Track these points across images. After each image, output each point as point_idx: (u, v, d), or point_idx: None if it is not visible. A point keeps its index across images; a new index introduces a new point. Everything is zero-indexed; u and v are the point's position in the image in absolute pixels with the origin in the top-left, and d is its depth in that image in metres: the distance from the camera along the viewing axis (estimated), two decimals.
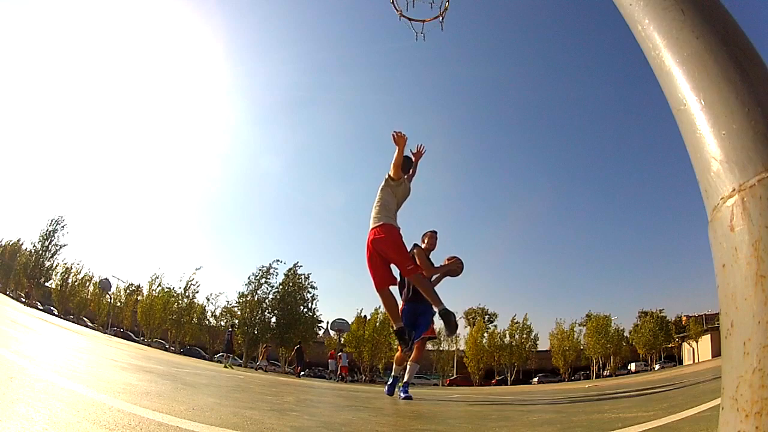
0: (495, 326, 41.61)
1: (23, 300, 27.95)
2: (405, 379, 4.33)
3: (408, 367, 4.38)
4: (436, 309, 3.71)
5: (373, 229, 3.73)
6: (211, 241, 73.42)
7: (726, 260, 0.68)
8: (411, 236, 4.28)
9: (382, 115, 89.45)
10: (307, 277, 33.50)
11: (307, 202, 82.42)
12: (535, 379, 36.94)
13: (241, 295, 33.10)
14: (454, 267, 4.45)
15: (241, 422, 1.52)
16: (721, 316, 0.70)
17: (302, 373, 21.72)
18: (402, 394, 4.14)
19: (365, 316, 38.95)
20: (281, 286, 32.94)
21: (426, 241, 4.58)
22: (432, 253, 4.60)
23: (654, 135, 67.60)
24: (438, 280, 4.49)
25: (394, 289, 4.01)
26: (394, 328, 3.90)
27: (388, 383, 4.62)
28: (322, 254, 76.60)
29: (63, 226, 38.32)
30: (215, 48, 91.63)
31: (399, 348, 4.35)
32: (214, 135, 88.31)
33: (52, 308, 34.12)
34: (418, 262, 4.08)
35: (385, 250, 3.67)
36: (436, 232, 4.65)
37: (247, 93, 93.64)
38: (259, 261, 64.92)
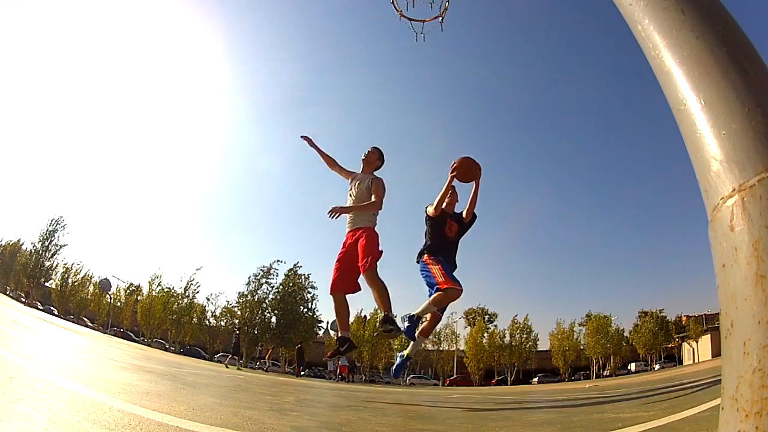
0: (495, 326, 41.66)
1: (23, 300, 27.95)
2: (417, 312, 3.73)
3: (425, 305, 3.78)
4: (382, 313, 3.53)
5: (363, 229, 3.66)
6: (211, 241, 73.39)
7: (726, 260, 0.68)
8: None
9: (382, 115, 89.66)
10: (308, 277, 33.54)
11: (307, 202, 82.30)
12: (535, 379, 36.93)
13: (241, 295, 33.13)
14: (462, 168, 3.75)
15: (241, 422, 1.52)
16: (721, 316, 0.70)
17: (302, 372, 21.74)
18: (406, 327, 3.65)
19: (365, 316, 38.99)
20: (281, 286, 32.97)
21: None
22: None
23: (654, 135, 67.66)
24: (471, 206, 3.99)
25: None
26: (383, 315, 3.57)
27: (398, 363, 4.04)
28: (322, 254, 76.46)
29: (63, 226, 38.36)
30: (215, 48, 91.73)
31: (427, 321, 3.80)
32: (215, 135, 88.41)
33: (52, 308, 34.12)
34: (435, 202, 3.83)
35: (364, 239, 3.55)
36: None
37: (247, 93, 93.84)
38: (259, 261, 64.97)
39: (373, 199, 3.74)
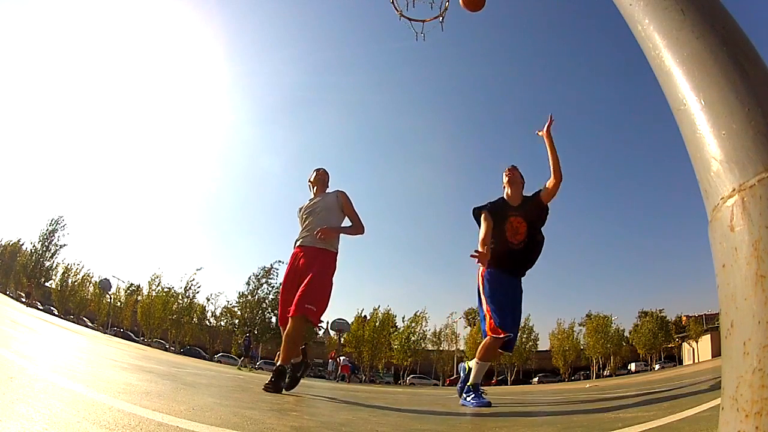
0: None
1: (23, 300, 27.96)
2: (471, 380, 3.13)
3: (475, 366, 3.16)
4: (293, 360, 3.12)
5: (325, 253, 3.36)
6: (211, 241, 73.64)
7: (726, 260, 0.68)
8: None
9: (382, 115, 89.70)
10: None
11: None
12: (535, 379, 36.96)
13: (241, 295, 33.15)
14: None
15: (241, 422, 1.51)
16: (721, 316, 0.70)
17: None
18: (472, 401, 3.04)
19: (365, 316, 39.04)
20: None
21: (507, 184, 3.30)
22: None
23: (654, 135, 67.77)
24: (555, 171, 3.23)
25: None
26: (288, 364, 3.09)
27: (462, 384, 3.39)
28: None
29: (63, 226, 38.43)
30: (216, 48, 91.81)
31: (491, 336, 2.97)
32: (215, 135, 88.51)
33: (52, 308, 34.15)
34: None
35: (320, 272, 3.25)
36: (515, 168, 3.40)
37: (248, 93, 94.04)
38: (259, 261, 65.14)
39: (354, 223, 3.53)
